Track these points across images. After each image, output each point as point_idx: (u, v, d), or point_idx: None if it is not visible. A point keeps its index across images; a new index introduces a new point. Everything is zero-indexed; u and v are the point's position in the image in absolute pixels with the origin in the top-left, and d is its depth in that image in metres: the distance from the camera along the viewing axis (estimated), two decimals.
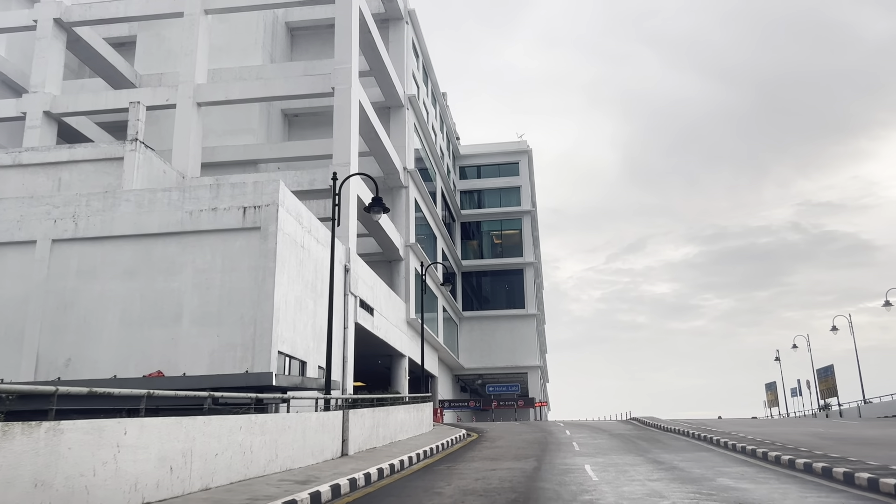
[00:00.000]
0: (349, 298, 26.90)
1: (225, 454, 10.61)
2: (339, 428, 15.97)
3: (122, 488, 8.32)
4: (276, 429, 12.49)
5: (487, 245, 61.62)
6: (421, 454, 16.62)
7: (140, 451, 8.65)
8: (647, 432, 25.79)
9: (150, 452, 8.84)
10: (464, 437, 23.61)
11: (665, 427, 27.24)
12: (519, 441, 21.85)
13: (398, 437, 20.93)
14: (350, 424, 16.44)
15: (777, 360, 49.55)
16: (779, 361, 49.41)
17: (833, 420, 33.34)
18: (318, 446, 14.52)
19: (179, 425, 9.50)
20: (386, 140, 35.17)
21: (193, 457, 9.76)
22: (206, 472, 10.10)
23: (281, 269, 20.47)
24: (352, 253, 27.39)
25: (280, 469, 12.48)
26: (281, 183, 20.87)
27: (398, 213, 38.94)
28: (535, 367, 57.37)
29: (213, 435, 10.33)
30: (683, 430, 24.33)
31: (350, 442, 16.36)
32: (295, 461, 13.21)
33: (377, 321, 31.36)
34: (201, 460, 9.95)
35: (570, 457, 16.26)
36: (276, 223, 20.38)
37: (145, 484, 8.73)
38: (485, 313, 58.84)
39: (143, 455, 8.73)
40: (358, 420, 17.19)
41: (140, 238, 20.81)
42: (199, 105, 29.89)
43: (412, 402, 24.48)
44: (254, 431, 11.61)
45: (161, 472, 9.08)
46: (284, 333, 20.57)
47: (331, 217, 29.04)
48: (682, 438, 22.11)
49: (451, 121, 58.89)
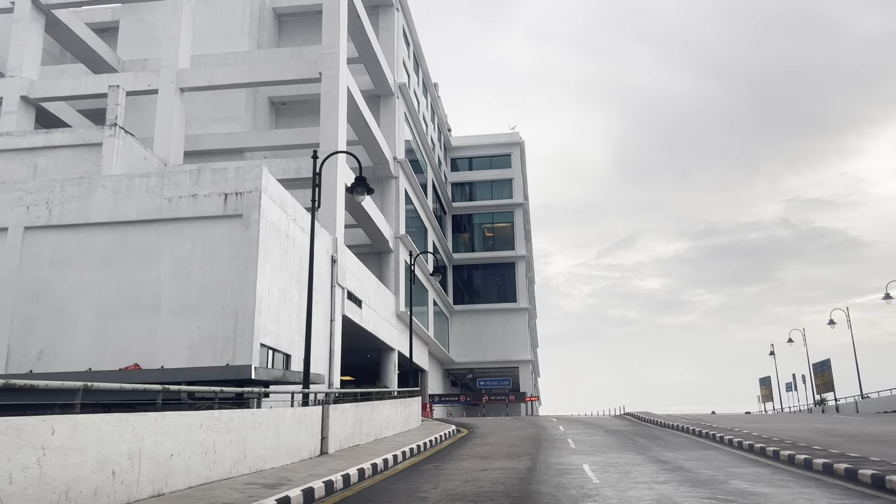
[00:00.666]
0: (336, 290, 26.12)
1: (182, 455, 9.61)
2: (318, 424, 14.97)
3: (48, 497, 7.13)
4: (244, 426, 11.47)
5: (479, 238, 60.86)
6: (407, 452, 15.79)
7: (73, 453, 7.52)
8: (643, 428, 25.07)
9: (85, 455, 7.71)
10: (453, 434, 22.89)
11: (662, 423, 26.50)
12: (511, 437, 21.14)
13: (384, 434, 20.11)
14: (330, 421, 15.43)
15: (772, 355, 49.10)
16: (773, 356, 49.01)
17: (832, 416, 32.67)
18: (293, 445, 13.58)
19: (125, 423, 8.41)
20: (375, 129, 34.35)
21: (143, 458, 8.73)
22: (159, 476, 9.08)
23: (264, 259, 19.68)
24: (339, 243, 26.60)
25: (249, 470, 11.52)
26: (264, 169, 20.06)
27: (388, 204, 38.15)
28: (527, 361, 56.74)
29: (168, 434, 9.31)
30: (682, 426, 23.60)
31: (330, 439, 15.38)
32: (267, 461, 12.29)
33: (366, 314, 30.60)
34: (153, 462, 8.93)
35: (565, 455, 15.44)
36: (259, 210, 19.58)
37: (79, 491, 7.57)
38: (476, 307, 58.12)
39: (77, 458, 7.58)
40: (339, 416, 16.22)
41: (117, 225, 19.98)
42: (182, 90, 28.98)
43: (399, 397, 23.57)
44: (218, 429, 10.58)
45: (100, 478, 7.95)
46: (267, 325, 19.79)
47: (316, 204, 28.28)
48: (682, 435, 21.30)
49: (442, 111, 58.05)
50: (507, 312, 57.51)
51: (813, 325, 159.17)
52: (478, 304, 58.54)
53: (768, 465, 13.13)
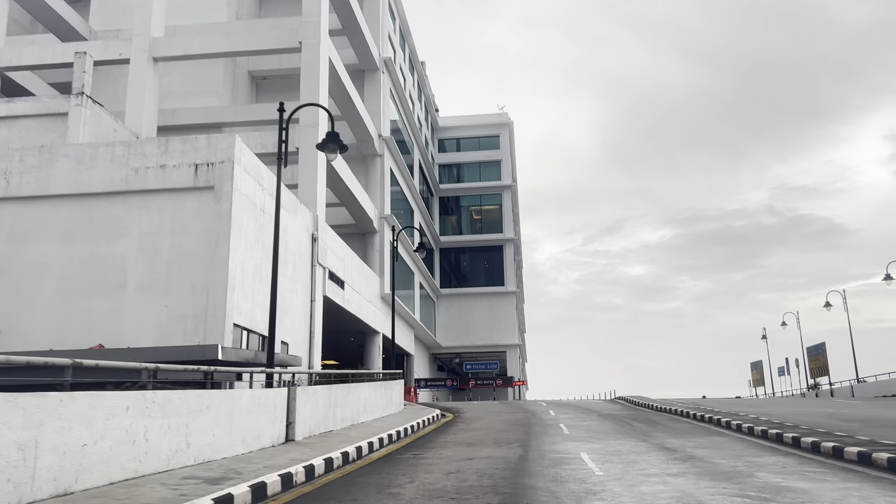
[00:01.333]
0: (316, 270, 25.02)
1: (100, 445, 7.92)
2: (283, 408, 13.49)
3: None
4: (185, 409, 9.83)
5: (466, 220, 59.76)
6: (385, 439, 14.55)
7: None
8: (639, 412, 23.97)
9: None
10: (437, 418, 21.84)
11: (658, 407, 25.35)
12: (499, 422, 20.04)
13: (361, 419, 18.90)
14: (298, 404, 14.00)
15: (764, 339, 48.51)
16: (765, 340, 48.42)
17: (829, 400, 31.71)
18: (251, 431, 12.06)
19: (14, 406, 6.73)
20: (359, 103, 33.12)
21: (40, 450, 7.01)
22: (66, 471, 7.38)
23: (237, 234, 18.55)
24: (320, 221, 25.47)
25: (193, 461, 9.91)
26: (237, 138, 18.89)
27: (373, 183, 36.98)
28: (514, 345, 55.91)
29: (80, 419, 7.61)
30: (680, 409, 22.40)
31: (298, 425, 13.98)
32: (217, 451, 10.70)
33: (348, 295, 29.53)
34: (56, 455, 7.23)
35: (560, 442, 14.18)
36: (232, 182, 18.42)
37: None
38: (463, 290, 57.14)
39: None
40: (309, 399, 14.81)
41: (80, 198, 18.76)
42: (156, 60, 27.62)
43: (379, 380, 22.34)
44: (150, 413, 8.92)
45: None
46: (241, 304, 18.70)
47: (297, 185, 27.11)
48: (683, 420, 20.04)
49: (429, 91, 56.73)
50: (495, 296, 56.59)
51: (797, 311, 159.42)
52: (465, 287, 57.56)
53: (791, 453, 11.82)
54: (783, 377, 46.50)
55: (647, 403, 27.65)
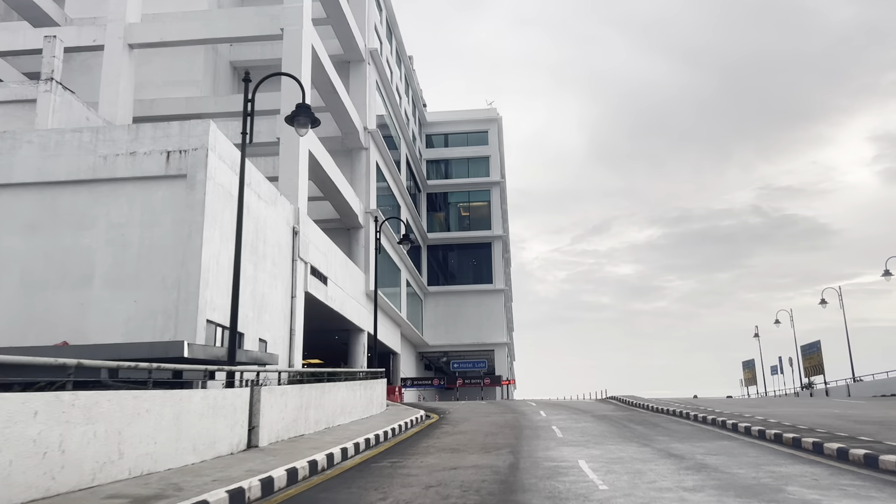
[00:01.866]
0: (298, 264, 24.10)
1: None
2: (244, 411, 12.14)
3: None
4: (118, 414, 8.40)
5: (454, 217, 58.91)
6: (361, 444, 13.48)
7: None
8: (634, 413, 22.88)
9: None
10: (421, 420, 20.90)
11: (653, 407, 24.28)
12: (487, 424, 19.04)
13: (337, 422, 17.71)
14: (263, 406, 12.70)
15: (756, 337, 47.93)
16: (757, 338, 47.84)
17: (827, 399, 30.79)
18: (205, 437, 10.67)
19: None
20: (344, 95, 32.20)
21: None
22: None
23: (211, 225, 17.62)
24: (301, 214, 24.55)
25: (128, 475, 8.54)
26: (211, 124, 17.95)
27: (358, 177, 36.05)
28: (503, 344, 55.14)
29: None
30: (678, 410, 21.34)
31: (263, 429, 12.68)
32: (160, 461, 9.33)
33: (332, 292, 28.62)
34: None
35: (554, 447, 13.06)
36: (206, 170, 17.49)
37: None
38: (451, 288, 56.30)
39: None
40: (276, 400, 13.47)
41: (45, 186, 17.75)
42: (132, 47, 26.62)
43: (359, 379, 21.25)
44: (70, 419, 7.56)
45: None
46: (215, 299, 17.77)
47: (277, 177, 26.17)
48: (684, 422, 18.89)
49: (417, 85, 55.83)
50: (483, 294, 55.79)
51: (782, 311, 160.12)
52: (453, 285, 56.72)
53: (815, 461, 10.63)
54: (776, 376, 46.01)
55: (641, 403, 26.69)
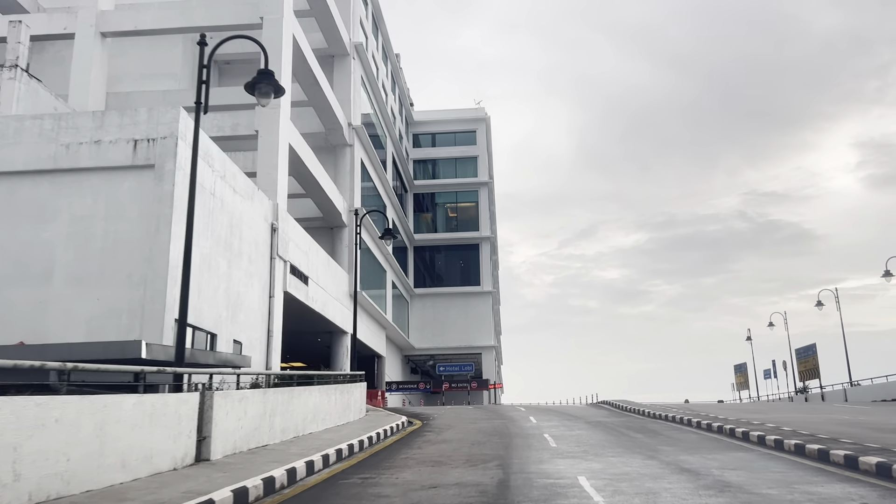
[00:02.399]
0: (276, 263, 23.02)
1: None
2: (192, 419, 10.48)
3: None
4: (12, 426, 6.87)
5: (442, 218, 57.93)
6: (332, 456, 12.05)
7: None
8: (630, 419, 21.62)
9: None
10: (402, 427, 19.65)
11: (650, 413, 22.86)
12: (473, 432, 17.68)
13: (309, 430, 16.19)
14: (216, 413, 10.99)
15: (748, 340, 47.18)
16: (750, 341, 47.05)
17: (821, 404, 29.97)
18: (138, 451, 9.05)
19: None
20: (327, 88, 31.16)
21: None
22: None
23: (181, 218, 16.53)
24: (280, 210, 23.49)
25: (27, 500, 7.00)
26: (182, 110, 16.90)
27: (342, 175, 35.01)
28: (490, 347, 54.18)
29: None
30: (678, 416, 20.02)
31: (216, 440, 11.01)
32: (73, 482, 7.70)
33: (313, 292, 27.54)
34: None
35: (548, 459, 11.65)
36: (175, 160, 16.43)
37: None
38: (438, 290, 55.27)
39: None
40: (233, 406, 11.72)
41: (2, 177, 16.62)
42: (104, 35, 25.50)
43: (335, 382, 19.76)
44: None
45: None
46: None
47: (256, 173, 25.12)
48: (685, 429, 17.52)
49: (404, 83, 54.86)
50: (471, 296, 54.81)
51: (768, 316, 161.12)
52: (440, 287, 55.72)
53: (852, 478, 9.18)
54: (769, 380, 45.24)
55: (636, 408, 25.45)
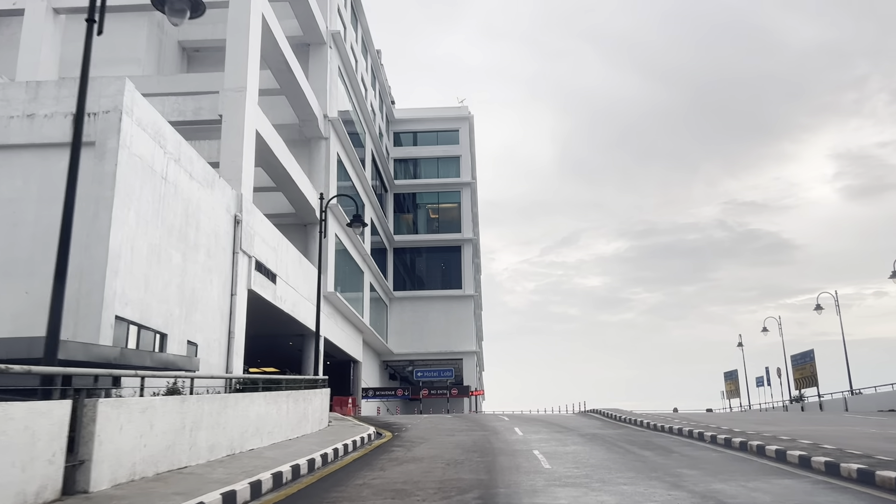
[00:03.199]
0: (240, 258, 21.23)
1: None
2: (59, 438, 7.47)
3: None
4: None
5: (423, 219, 56.24)
6: (266, 482, 9.21)
7: None
8: (629, 431, 18.97)
9: None
10: (368, 440, 16.95)
11: (650, 424, 20.16)
12: (450, 447, 14.96)
13: (249, 445, 12.92)
14: (101, 429, 8.12)
15: (740, 346, 45.73)
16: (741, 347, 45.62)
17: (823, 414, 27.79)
18: None
19: None
20: (301, 77, 29.44)
21: None
22: None
23: (125, 203, 14.76)
24: (245, 201, 21.71)
25: None
26: (127, 82, 15.12)
27: (316, 169, 33.25)
28: (472, 352, 52.48)
29: None
30: (686, 429, 17.13)
31: (100, 464, 8.06)
32: None
33: (282, 291, 25.74)
34: None
35: (543, 487, 9.01)
36: (119, 137, 14.65)
37: None
38: (418, 293, 53.52)
39: None
40: (130, 419, 8.81)
41: None
42: (57, 11, 23.60)
43: (287, 388, 17.18)
44: None
45: None
46: (128, 292, 14.88)
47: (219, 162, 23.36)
48: (700, 445, 14.70)
49: (384, 79, 53.19)
50: (452, 300, 53.13)
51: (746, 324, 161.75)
52: (420, 290, 53.97)
53: None
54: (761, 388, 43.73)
55: (631, 419, 22.74)
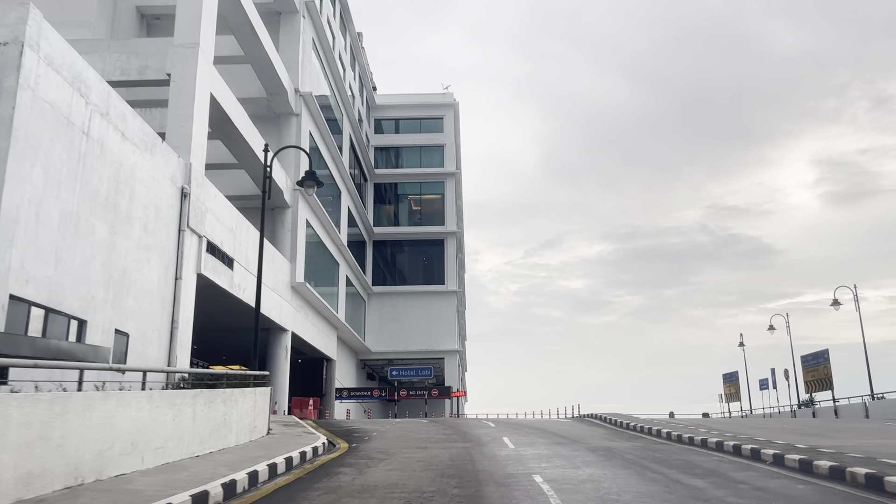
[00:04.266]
0: (187, 236, 18.47)
1: None
2: None
3: None
4: None
5: (404, 211, 53.51)
6: None
7: None
8: (646, 443, 15.50)
9: None
10: (312, 456, 12.84)
11: (673, 435, 16.43)
12: (418, 468, 11.20)
13: (117, 468, 8.99)
14: None
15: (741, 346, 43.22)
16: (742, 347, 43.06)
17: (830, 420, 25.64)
18: None
19: None
20: (269, 44, 26.70)
21: None
22: None
23: (27, 156, 12.01)
24: (196, 172, 18.96)
25: None
26: (32, 8, 12.37)
27: None
28: (454, 351, 49.85)
29: None
30: (731, 443, 13.50)
31: None
32: None
33: (241, 279, 22.98)
34: None
35: None
36: (19, 75, 11.88)
37: None
38: (398, 289, 50.79)
39: None
40: None
41: None
42: None
43: (193, 386, 12.97)
44: None
45: None
46: (31, 267, 12.11)
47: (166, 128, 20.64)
48: (757, 466, 11.33)
49: (365, 62, 50.43)
50: (434, 296, 50.45)
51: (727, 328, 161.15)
52: (401, 285, 51.26)
53: None
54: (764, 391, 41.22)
55: (644, 427, 19.01)
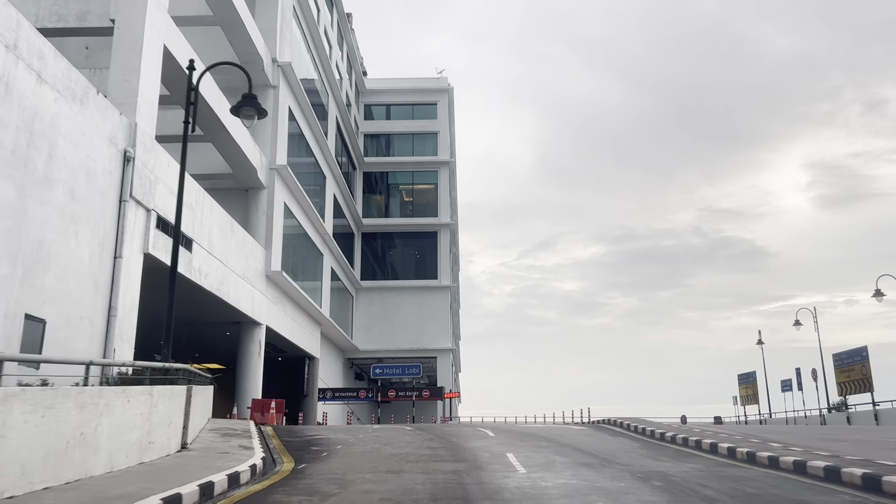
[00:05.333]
0: (130, 208, 15.64)
1: None
2: None
3: None
4: None
5: (396, 201, 50.68)
6: None
7: None
8: (706, 464, 11.93)
9: None
10: (224, 490, 8.70)
11: (734, 452, 12.80)
12: None
13: None
14: None
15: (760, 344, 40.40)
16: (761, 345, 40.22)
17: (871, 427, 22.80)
18: None
19: None
20: (241, 3, 23.88)
21: None
22: None
23: None
24: (142, 134, 16.14)
25: None
26: None
27: (261, 123, 27.59)
28: (447, 350, 47.03)
29: None
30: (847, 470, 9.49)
31: None
32: None
33: (201, 262, 20.16)
34: None
35: None
36: None
37: None
38: (388, 283, 47.97)
39: None
40: None
41: None
42: None
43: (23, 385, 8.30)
44: None
45: None
46: None
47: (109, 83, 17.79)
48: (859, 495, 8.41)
49: (354, 43, 47.60)
50: (427, 291, 47.62)
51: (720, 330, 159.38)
52: (391, 280, 48.44)
53: None
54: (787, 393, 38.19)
55: (690, 439, 15.16)
